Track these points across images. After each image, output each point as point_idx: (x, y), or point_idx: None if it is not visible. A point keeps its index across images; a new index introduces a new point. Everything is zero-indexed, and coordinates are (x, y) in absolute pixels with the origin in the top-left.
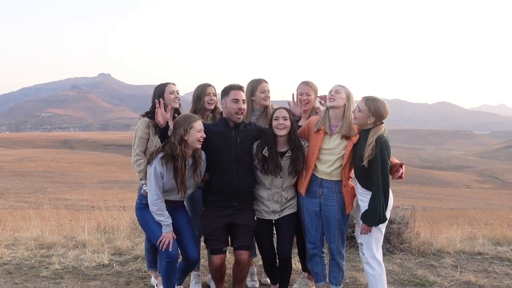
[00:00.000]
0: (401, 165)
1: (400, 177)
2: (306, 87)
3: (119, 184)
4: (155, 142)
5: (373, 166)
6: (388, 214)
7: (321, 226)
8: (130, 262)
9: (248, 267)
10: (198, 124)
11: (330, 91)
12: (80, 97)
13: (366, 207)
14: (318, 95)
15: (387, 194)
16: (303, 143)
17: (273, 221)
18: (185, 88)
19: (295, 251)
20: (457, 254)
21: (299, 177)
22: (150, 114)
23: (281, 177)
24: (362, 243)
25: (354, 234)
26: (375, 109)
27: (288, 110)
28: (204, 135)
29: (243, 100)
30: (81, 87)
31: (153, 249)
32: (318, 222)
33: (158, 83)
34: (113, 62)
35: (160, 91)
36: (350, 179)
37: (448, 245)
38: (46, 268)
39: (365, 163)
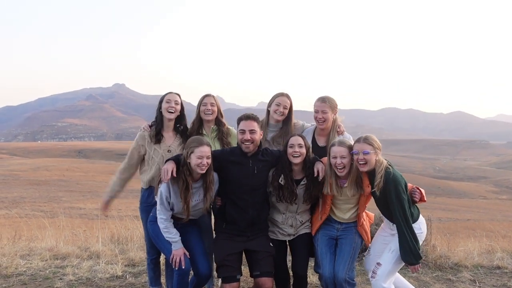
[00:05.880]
0: (417, 188)
1: (422, 200)
2: (322, 104)
3: (132, 194)
4: (152, 154)
5: (390, 204)
6: (420, 241)
7: (334, 256)
8: (143, 273)
9: None
10: (199, 151)
11: (335, 156)
12: (95, 107)
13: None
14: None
15: (411, 228)
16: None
17: (287, 241)
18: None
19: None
20: (475, 268)
21: (314, 212)
22: (152, 125)
23: (296, 203)
24: (380, 264)
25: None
26: (376, 144)
27: (303, 137)
28: (205, 163)
29: (251, 130)
30: (96, 97)
31: (153, 265)
32: (332, 251)
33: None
34: (128, 72)
35: (160, 101)
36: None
37: (466, 259)
38: (61, 279)
39: (376, 189)
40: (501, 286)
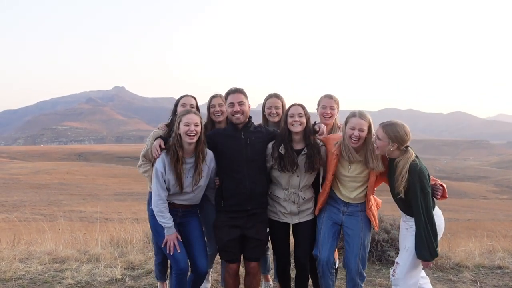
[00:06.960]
0: (440, 185)
1: (443, 196)
2: (330, 101)
3: (132, 197)
4: None
5: (413, 197)
6: (439, 236)
7: (336, 242)
8: (143, 276)
9: (258, 275)
10: (186, 118)
11: (353, 127)
12: (95, 110)
13: (413, 236)
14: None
15: (433, 224)
16: (319, 141)
17: (291, 225)
18: (200, 100)
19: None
20: (476, 268)
21: (317, 194)
22: (167, 125)
23: (298, 176)
24: (398, 263)
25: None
26: (394, 134)
27: (303, 107)
28: (193, 129)
29: (239, 102)
30: (96, 100)
31: (161, 266)
32: (335, 237)
33: (172, 95)
34: (128, 75)
35: (176, 103)
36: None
37: (467, 259)
38: (60, 282)
39: (402, 195)
40: (503, 286)
